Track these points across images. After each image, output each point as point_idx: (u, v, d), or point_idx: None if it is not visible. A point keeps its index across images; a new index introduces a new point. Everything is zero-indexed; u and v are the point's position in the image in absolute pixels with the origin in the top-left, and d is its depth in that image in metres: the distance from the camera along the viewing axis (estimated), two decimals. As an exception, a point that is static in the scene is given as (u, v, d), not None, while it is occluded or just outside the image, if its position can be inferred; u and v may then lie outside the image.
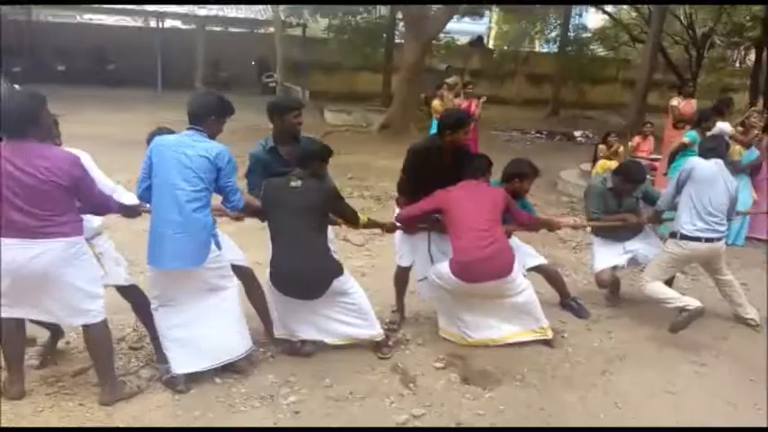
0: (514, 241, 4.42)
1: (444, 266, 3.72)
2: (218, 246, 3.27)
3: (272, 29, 18.95)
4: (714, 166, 4.19)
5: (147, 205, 3.34)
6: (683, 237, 4.13)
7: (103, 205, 3.15)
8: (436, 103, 9.44)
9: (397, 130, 13.81)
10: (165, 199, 3.12)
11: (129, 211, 3.41)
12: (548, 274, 4.49)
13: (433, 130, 9.56)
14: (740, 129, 6.80)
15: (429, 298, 4.17)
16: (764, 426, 3.18)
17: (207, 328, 3.31)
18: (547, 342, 3.92)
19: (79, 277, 2.91)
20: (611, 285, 4.71)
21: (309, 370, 3.51)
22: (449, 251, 3.87)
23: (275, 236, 3.50)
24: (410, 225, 4.02)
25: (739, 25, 20.03)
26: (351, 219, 3.76)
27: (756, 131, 6.47)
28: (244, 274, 3.72)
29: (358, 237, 6.08)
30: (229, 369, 3.43)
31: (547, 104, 21.21)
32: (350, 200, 7.62)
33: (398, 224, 4.05)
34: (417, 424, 3.05)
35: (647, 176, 7.86)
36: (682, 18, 20.39)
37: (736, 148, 6.47)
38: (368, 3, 17.09)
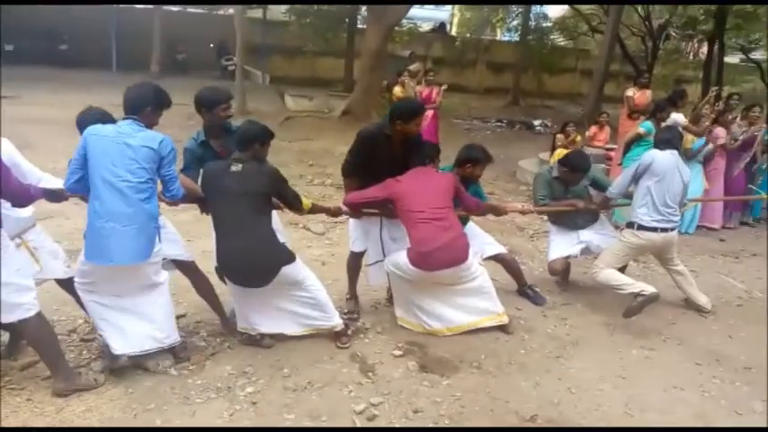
0: (474, 229, 4.48)
1: (401, 256, 3.73)
2: (159, 238, 3.19)
3: (231, 10, 18.52)
4: (671, 157, 4.30)
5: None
6: (640, 227, 4.25)
7: (23, 194, 2.98)
8: (398, 89, 9.42)
9: (359, 117, 13.73)
10: (108, 192, 2.99)
11: (54, 197, 3.24)
12: (506, 262, 4.56)
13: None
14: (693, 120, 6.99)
15: (377, 284, 4.20)
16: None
17: (137, 318, 3.23)
18: (503, 328, 3.99)
19: (3, 271, 2.77)
20: (562, 271, 4.84)
21: (267, 360, 3.48)
22: (399, 238, 3.90)
23: (218, 223, 3.41)
24: (357, 211, 3.96)
25: (693, 18, 20.58)
26: (294, 203, 3.64)
27: (707, 122, 6.67)
28: (187, 267, 3.67)
29: (318, 225, 6.05)
30: (184, 360, 3.40)
31: (507, 93, 21.41)
32: (310, 187, 7.64)
33: (345, 209, 3.97)
34: (375, 412, 3.06)
35: (603, 165, 8.12)
36: (639, 10, 20.82)
37: (688, 137, 6.66)
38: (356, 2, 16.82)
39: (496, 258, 4.48)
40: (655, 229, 4.23)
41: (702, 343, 4.09)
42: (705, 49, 21.22)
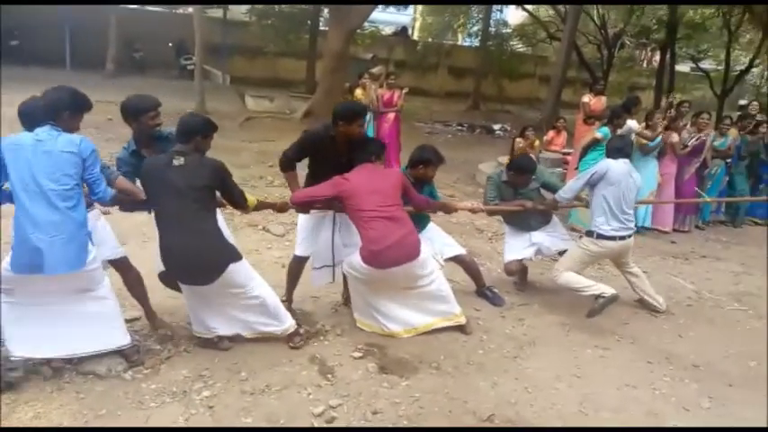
0: (434, 231, 4.51)
1: (355, 256, 3.72)
2: (92, 241, 3.11)
3: (191, 9, 18.24)
4: (624, 165, 4.42)
5: None
6: (600, 236, 4.37)
7: None
8: (359, 92, 9.42)
9: (321, 118, 13.65)
10: (32, 202, 2.90)
11: None
12: (465, 263, 4.61)
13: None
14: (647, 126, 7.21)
15: (320, 285, 4.17)
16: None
17: (70, 322, 3.14)
18: (461, 328, 4.02)
19: None
20: (519, 272, 4.93)
21: (224, 364, 3.43)
22: (353, 244, 3.87)
23: (161, 219, 3.31)
24: (304, 207, 3.89)
25: (646, 28, 21.27)
26: (239, 200, 3.53)
27: (660, 129, 6.89)
28: (119, 265, 3.60)
29: (278, 227, 6.00)
30: (138, 364, 3.32)
31: (468, 98, 21.65)
32: (270, 188, 7.56)
33: (293, 206, 3.90)
34: (334, 415, 3.05)
35: (560, 169, 8.29)
36: (595, 18, 21.38)
37: (641, 141, 6.88)
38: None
39: (456, 260, 4.52)
40: (613, 238, 4.36)
41: (654, 342, 4.22)
42: (658, 57, 21.91)
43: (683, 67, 24.94)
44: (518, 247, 4.78)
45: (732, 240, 7.23)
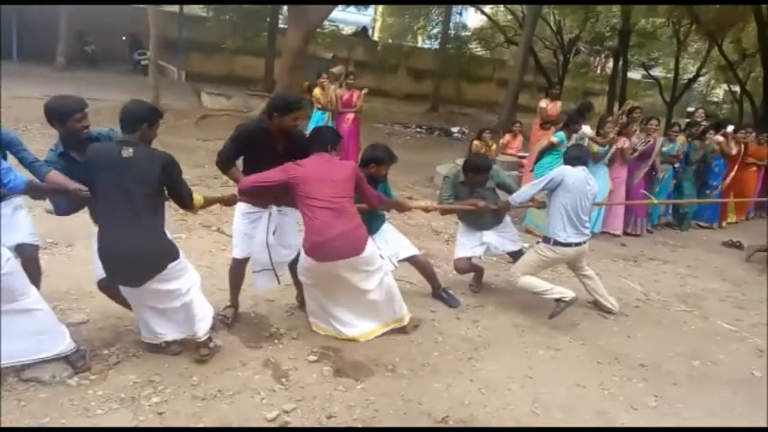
0: (389, 231, 4.51)
1: (302, 252, 3.65)
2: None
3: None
4: (581, 173, 4.52)
5: None
6: (556, 243, 4.46)
7: None
8: (317, 91, 9.37)
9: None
10: None
11: None
12: (419, 264, 4.62)
13: (315, 119, 9.54)
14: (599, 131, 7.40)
15: (265, 289, 4.08)
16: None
17: (5, 336, 2.95)
18: (402, 328, 4.01)
19: None
20: (474, 274, 5.01)
21: (175, 369, 3.35)
22: (291, 245, 3.85)
23: (102, 213, 3.15)
24: (253, 195, 3.77)
25: (601, 35, 21.86)
26: (186, 198, 3.34)
27: (611, 135, 7.08)
28: (23, 253, 3.41)
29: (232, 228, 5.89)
30: (84, 370, 3.21)
31: (427, 100, 21.80)
32: (225, 188, 7.41)
33: (241, 195, 3.78)
34: (288, 419, 3.01)
35: (516, 172, 8.43)
36: (551, 24, 21.85)
37: (594, 146, 7.06)
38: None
39: (410, 261, 4.53)
40: (569, 245, 4.46)
41: (604, 343, 4.32)
42: (611, 64, 22.53)
43: (635, 75, 25.77)
44: (468, 245, 4.85)
45: (679, 244, 7.49)
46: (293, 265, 4.02)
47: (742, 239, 7.71)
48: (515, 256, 4.91)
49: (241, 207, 3.86)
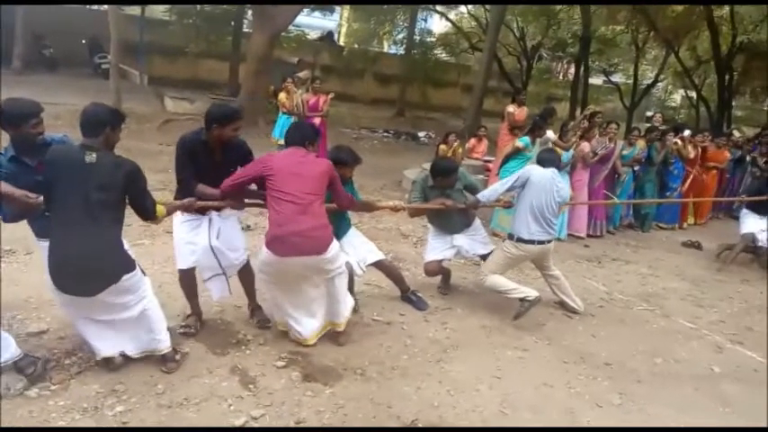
0: (355, 236, 4.49)
1: (263, 246, 3.58)
2: None
3: (106, 6, 17.43)
4: (549, 173, 4.61)
5: None
6: (520, 240, 4.54)
7: None
8: (282, 96, 9.31)
9: (245, 122, 13.36)
10: None
11: None
12: (386, 268, 4.62)
13: (280, 124, 9.47)
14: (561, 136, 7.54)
15: (220, 297, 3.93)
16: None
17: None
18: (338, 334, 3.91)
19: None
20: (442, 276, 5.04)
21: (140, 377, 3.27)
22: (235, 246, 3.78)
23: (59, 219, 2.98)
24: (236, 194, 3.70)
25: (562, 41, 22.32)
26: (149, 209, 3.21)
27: (574, 140, 7.23)
28: None
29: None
30: (42, 380, 3.11)
31: (394, 104, 21.88)
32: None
33: (224, 196, 3.66)
34: (256, 426, 2.97)
35: (482, 176, 8.52)
36: (515, 30, 22.20)
37: (558, 150, 7.19)
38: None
39: (377, 265, 4.52)
40: (533, 242, 4.54)
41: (569, 342, 4.39)
42: (573, 70, 23.00)
43: (596, 80, 26.36)
44: (439, 247, 4.88)
45: (640, 244, 7.67)
46: (242, 272, 3.95)
47: (700, 240, 7.95)
48: (486, 258, 4.96)
49: (178, 217, 3.72)
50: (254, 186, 3.74)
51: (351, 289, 4.20)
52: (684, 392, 3.83)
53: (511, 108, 9.00)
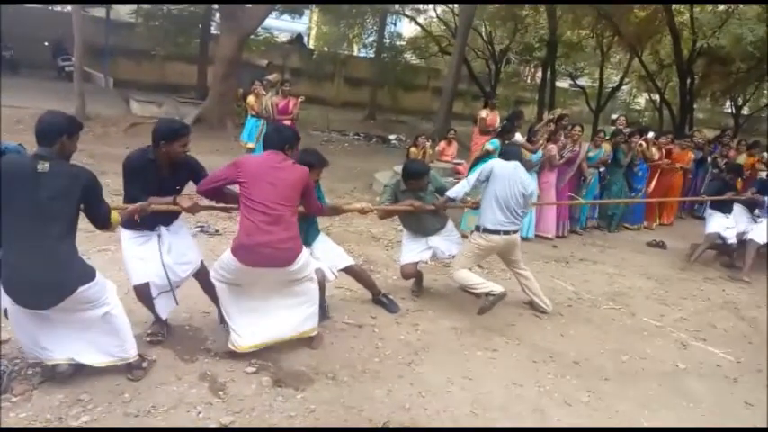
0: (325, 242, 4.46)
1: (227, 251, 3.52)
2: None
3: (69, 7, 17.08)
4: (513, 165, 4.72)
5: None
6: (486, 230, 4.62)
7: None
8: (251, 99, 9.25)
9: (213, 125, 13.33)
10: None
11: None
12: (356, 273, 4.60)
13: (249, 127, 9.40)
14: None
15: (167, 314, 3.78)
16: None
17: None
18: (311, 338, 3.88)
19: None
20: (415, 278, 5.06)
21: (106, 385, 3.20)
22: (186, 260, 3.70)
23: (9, 231, 2.83)
24: (212, 196, 3.65)
25: (530, 45, 22.64)
26: (104, 218, 3.10)
27: (541, 142, 7.35)
28: None
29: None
30: (6, 392, 3.02)
31: (364, 108, 21.90)
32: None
33: (200, 195, 3.59)
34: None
35: (452, 179, 8.57)
36: (483, 34, 22.44)
37: (526, 154, 7.30)
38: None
39: (347, 270, 4.49)
40: (498, 232, 4.62)
41: (538, 341, 4.45)
42: (540, 73, 23.34)
43: (563, 84, 26.79)
44: (415, 249, 4.89)
45: (607, 244, 7.82)
46: (204, 280, 3.84)
47: (665, 240, 8.14)
48: None
49: (125, 233, 3.62)
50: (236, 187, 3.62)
51: (322, 296, 4.20)
52: (650, 388, 3.92)
53: (483, 113, 9.10)
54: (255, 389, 3.35)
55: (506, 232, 4.65)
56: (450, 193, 4.76)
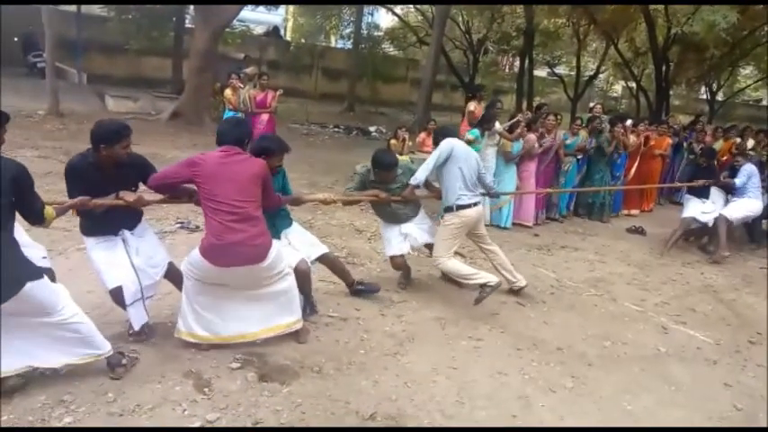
0: (297, 232, 4.40)
1: (195, 250, 3.47)
2: None
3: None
4: (465, 145, 4.89)
5: None
6: (460, 207, 4.67)
7: None
8: (228, 92, 9.14)
9: (190, 120, 13.18)
10: None
11: None
12: (331, 262, 4.56)
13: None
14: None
15: (141, 325, 3.66)
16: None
17: None
18: (296, 334, 3.85)
19: None
20: (402, 271, 5.07)
21: (88, 386, 3.15)
22: (155, 263, 3.65)
23: None
24: (162, 190, 3.60)
25: (507, 35, 22.71)
26: (38, 212, 2.99)
27: (519, 131, 7.39)
28: None
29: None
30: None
31: (343, 99, 21.81)
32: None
33: (136, 201, 3.46)
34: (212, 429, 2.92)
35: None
36: (460, 24, 22.45)
37: (508, 143, 7.35)
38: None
39: (321, 260, 4.45)
40: (470, 206, 4.69)
41: (522, 329, 4.49)
42: (518, 63, 23.45)
43: (541, 72, 26.96)
44: (395, 241, 4.91)
45: (587, 232, 7.90)
46: (171, 277, 3.82)
47: (644, 226, 8.25)
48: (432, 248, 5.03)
49: (90, 241, 3.55)
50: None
51: (309, 287, 4.19)
52: (632, 372, 3.97)
53: (471, 106, 9.09)
54: (241, 384, 3.33)
55: (476, 204, 4.75)
56: (412, 181, 4.75)
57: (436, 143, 4.86)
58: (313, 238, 4.49)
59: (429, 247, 4.96)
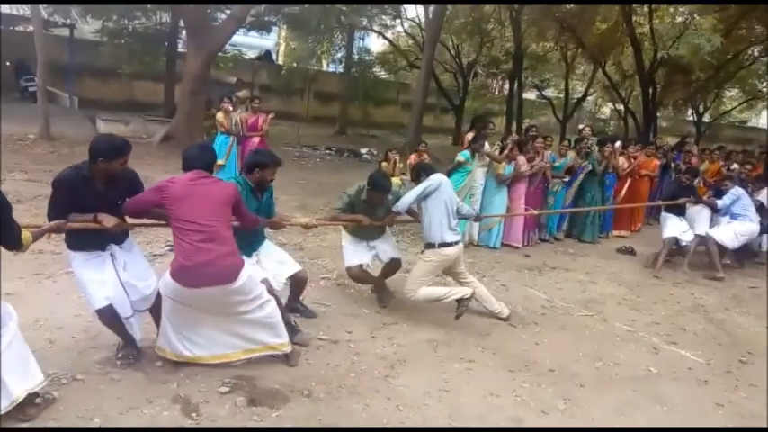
0: (269, 249, 4.40)
1: (167, 274, 3.44)
2: None
3: (31, 27, 16.82)
4: (448, 181, 4.91)
5: None
6: (442, 245, 4.66)
7: None
8: (220, 115, 9.19)
9: (182, 143, 13.12)
10: None
11: None
12: (299, 281, 4.51)
13: (219, 143, 9.31)
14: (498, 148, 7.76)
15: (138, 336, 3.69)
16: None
17: None
18: (286, 357, 3.83)
19: None
20: (375, 288, 5.16)
21: (74, 410, 3.10)
22: (144, 275, 3.62)
23: None
24: (138, 216, 3.57)
25: (496, 58, 23.04)
26: (15, 238, 2.91)
27: (507, 152, 7.46)
28: None
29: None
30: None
31: (335, 122, 21.93)
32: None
33: (105, 222, 3.36)
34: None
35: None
36: (450, 48, 22.74)
37: (500, 165, 7.40)
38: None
39: (292, 278, 4.40)
40: (451, 244, 4.69)
41: (514, 350, 4.47)
42: (508, 86, 23.73)
43: (530, 95, 27.30)
44: (358, 252, 4.94)
45: (578, 252, 7.92)
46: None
47: (634, 246, 8.28)
48: (395, 265, 5.09)
49: (76, 257, 3.50)
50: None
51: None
52: (624, 393, 3.95)
53: (470, 135, 9.19)
54: (230, 409, 3.29)
55: (457, 242, 4.76)
56: (395, 208, 4.79)
57: (416, 179, 4.88)
58: (284, 255, 4.43)
59: (392, 264, 5.03)
